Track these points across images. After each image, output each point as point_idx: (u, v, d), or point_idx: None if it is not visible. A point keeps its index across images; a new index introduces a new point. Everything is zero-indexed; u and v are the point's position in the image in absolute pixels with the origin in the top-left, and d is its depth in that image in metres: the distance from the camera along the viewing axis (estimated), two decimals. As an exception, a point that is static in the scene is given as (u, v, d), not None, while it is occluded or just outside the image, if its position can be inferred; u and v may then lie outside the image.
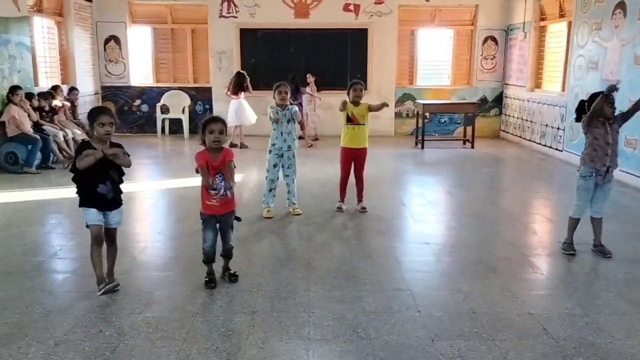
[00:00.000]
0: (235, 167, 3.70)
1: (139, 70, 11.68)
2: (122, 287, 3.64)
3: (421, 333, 3.06)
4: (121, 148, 3.49)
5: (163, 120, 11.33)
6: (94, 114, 3.43)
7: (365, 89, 10.98)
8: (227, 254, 3.80)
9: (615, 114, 4.21)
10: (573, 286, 3.79)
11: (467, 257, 4.33)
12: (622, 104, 7.10)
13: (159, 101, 11.27)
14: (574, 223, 4.40)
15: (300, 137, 10.35)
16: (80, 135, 8.42)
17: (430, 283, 3.85)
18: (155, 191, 6.65)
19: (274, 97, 5.35)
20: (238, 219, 3.81)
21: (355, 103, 5.50)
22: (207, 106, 11.53)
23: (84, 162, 3.34)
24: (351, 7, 11.10)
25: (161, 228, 5.23)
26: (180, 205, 6.00)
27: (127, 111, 11.53)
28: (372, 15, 11.11)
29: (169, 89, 11.43)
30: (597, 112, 4.12)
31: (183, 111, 11.26)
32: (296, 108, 5.48)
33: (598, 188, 4.27)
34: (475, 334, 3.06)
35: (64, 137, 8.20)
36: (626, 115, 4.23)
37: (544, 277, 3.97)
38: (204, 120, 3.60)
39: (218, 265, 3.82)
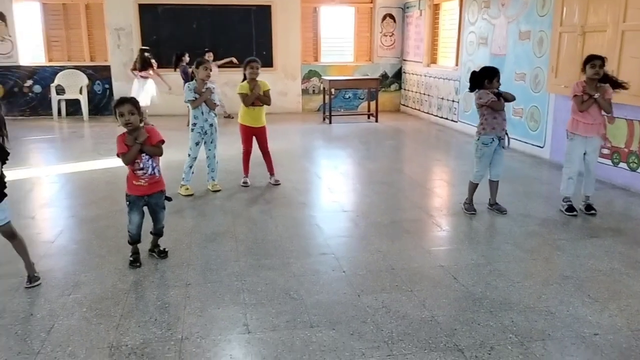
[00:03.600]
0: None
1: (29, 48, 10.90)
2: (47, 271, 3.57)
3: (348, 290, 3.32)
4: None
5: (59, 102, 10.72)
6: None
7: (271, 66, 11.21)
8: (158, 233, 3.83)
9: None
10: (476, 240, 4.24)
11: (382, 221, 4.66)
12: (509, 76, 7.82)
13: (52, 81, 10.62)
14: (474, 187, 4.87)
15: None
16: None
17: (352, 246, 4.13)
18: (60, 175, 6.37)
19: (196, 74, 5.25)
20: (169, 199, 3.83)
21: (252, 80, 5.52)
22: (107, 85, 11.05)
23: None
24: (254, -17, 11.06)
25: (74, 212, 5.06)
26: (89, 188, 5.82)
27: (18, 93, 10.77)
28: (274, -8, 11.16)
29: (63, 68, 10.80)
30: (496, 106, 4.60)
31: (81, 91, 10.71)
32: (212, 89, 5.42)
33: (495, 153, 4.75)
34: (395, 287, 3.37)
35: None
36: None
37: (451, 235, 4.39)
38: (113, 104, 3.52)
39: (143, 245, 3.83)
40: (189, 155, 5.42)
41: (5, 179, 3.25)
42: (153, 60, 9.61)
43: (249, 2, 11.11)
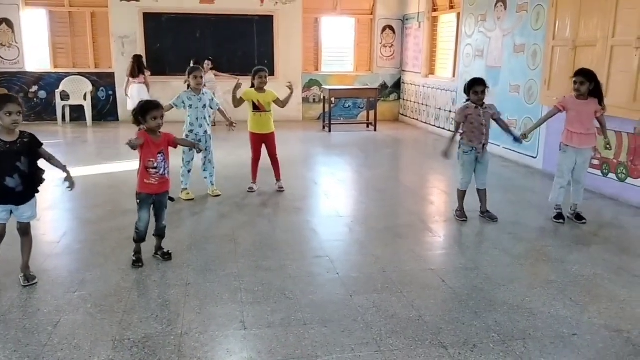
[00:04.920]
0: None
1: (35, 55, 11.12)
2: (52, 269, 3.73)
3: (341, 291, 3.48)
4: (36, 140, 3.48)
5: (63, 107, 10.91)
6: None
7: (272, 74, 11.40)
8: (160, 233, 3.98)
9: (486, 105, 4.87)
10: (466, 246, 4.41)
11: (376, 226, 4.82)
12: (504, 88, 8.00)
13: (57, 87, 10.83)
14: (461, 194, 5.05)
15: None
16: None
17: (346, 250, 4.30)
18: (63, 179, 6.51)
19: (188, 82, 5.49)
20: (172, 199, 4.00)
21: (260, 89, 5.75)
22: (110, 92, 11.25)
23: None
24: (256, -6, 11.29)
25: (78, 214, 5.22)
26: (92, 192, 5.97)
27: (23, 98, 10.90)
28: (277, 3, 11.37)
29: (68, 74, 11.00)
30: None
31: (85, 97, 10.91)
32: (212, 96, 5.70)
33: (478, 162, 4.92)
34: (386, 288, 3.52)
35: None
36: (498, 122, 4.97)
37: (442, 240, 4.55)
38: (144, 107, 3.76)
39: (146, 245, 3.98)
40: (183, 160, 5.56)
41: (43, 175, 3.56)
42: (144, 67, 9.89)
43: (252, 12, 11.34)
